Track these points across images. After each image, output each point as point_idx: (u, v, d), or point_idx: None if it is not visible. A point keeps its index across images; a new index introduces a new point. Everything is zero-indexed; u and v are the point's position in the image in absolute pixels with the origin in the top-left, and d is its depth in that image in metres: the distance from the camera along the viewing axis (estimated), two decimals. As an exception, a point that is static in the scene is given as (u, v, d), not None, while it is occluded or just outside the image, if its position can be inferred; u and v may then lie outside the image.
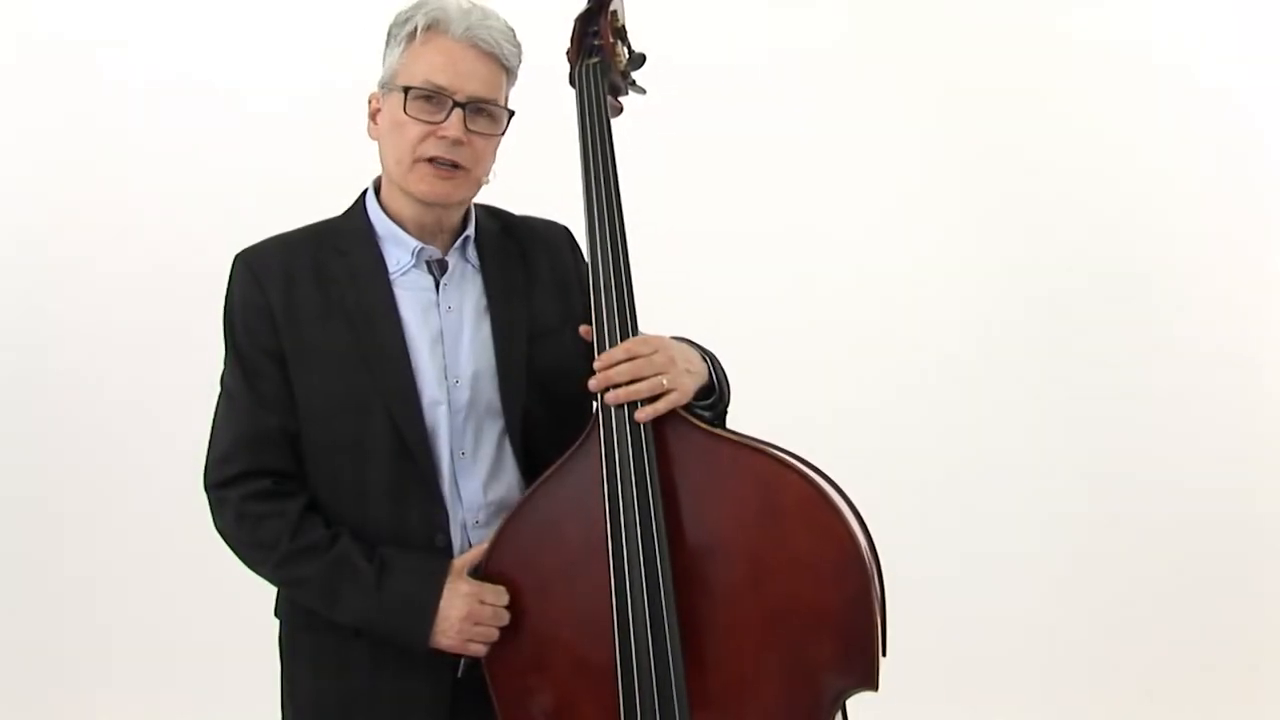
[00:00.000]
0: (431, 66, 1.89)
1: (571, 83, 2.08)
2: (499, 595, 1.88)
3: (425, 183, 1.92)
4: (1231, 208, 3.83)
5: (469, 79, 1.90)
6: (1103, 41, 3.81)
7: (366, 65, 2.07)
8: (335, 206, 2.08)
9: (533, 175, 2.38)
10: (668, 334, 1.95)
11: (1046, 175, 3.84)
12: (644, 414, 1.82)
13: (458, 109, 1.89)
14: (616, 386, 1.83)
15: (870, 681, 1.79)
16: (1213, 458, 3.81)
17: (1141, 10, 3.83)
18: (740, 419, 1.98)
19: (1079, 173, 3.83)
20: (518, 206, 2.16)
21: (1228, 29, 3.82)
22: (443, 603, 1.87)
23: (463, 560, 1.93)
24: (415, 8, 1.93)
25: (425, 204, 1.95)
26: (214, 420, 2.02)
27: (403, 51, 1.93)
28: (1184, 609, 3.83)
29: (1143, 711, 3.76)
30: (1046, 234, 3.85)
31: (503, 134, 1.97)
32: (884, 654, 1.80)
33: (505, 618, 1.87)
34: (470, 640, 1.87)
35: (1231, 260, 3.83)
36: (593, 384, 1.85)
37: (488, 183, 1.98)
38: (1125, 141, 3.84)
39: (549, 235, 2.16)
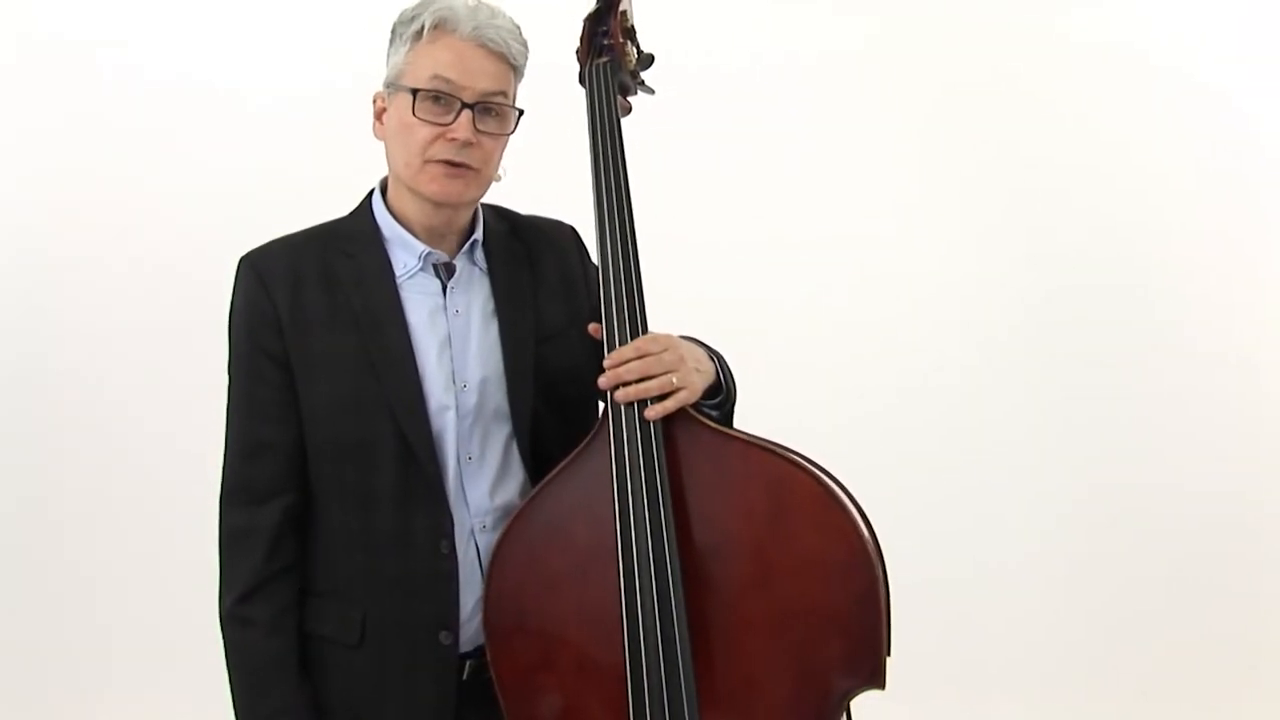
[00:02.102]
0: (439, 66, 1.87)
1: (581, 82, 2.08)
2: None
3: (436, 183, 1.90)
4: (1229, 208, 3.84)
5: (477, 78, 1.88)
6: (1101, 43, 3.83)
7: (367, 64, 2.07)
8: (337, 206, 2.07)
9: (542, 173, 2.39)
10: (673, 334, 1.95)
11: (1047, 177, 3.85)
12: (653, 412, 1.82)
13: (466, 110, 1.87)
14: (626, 384, 1.83)
15: (877, 681, 1.80)
16: (1212, 458, 3.83)
17: (1140, 12, 3.84)
18: (741, 421, 1.98)
19: (1079, 175, 3.85)
20: (527, 205, 2.15)
21: (1226, 29, 3.83)
22: None
23: None
24: (421, 6, 1.91)
25: (435, 204, 1.93)
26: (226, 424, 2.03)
27: (409, 51, 1.90)
28: (1183, 609, 3.84)
29: (1142, 711, 3.77)
30: (1046, 235, 3.86)
31: (512, 133, 1.95)
32: (888, 654, 1.80)
33: None
34: None
35: (1229, 261, 3.84)
36: (602, 381, 1.84)
37: (498, 179, 1.97)
38: (1123, 142, 3.85)
39: (556, 236, 2.15)
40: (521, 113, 1.96)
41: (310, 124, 3.70)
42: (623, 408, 1.83)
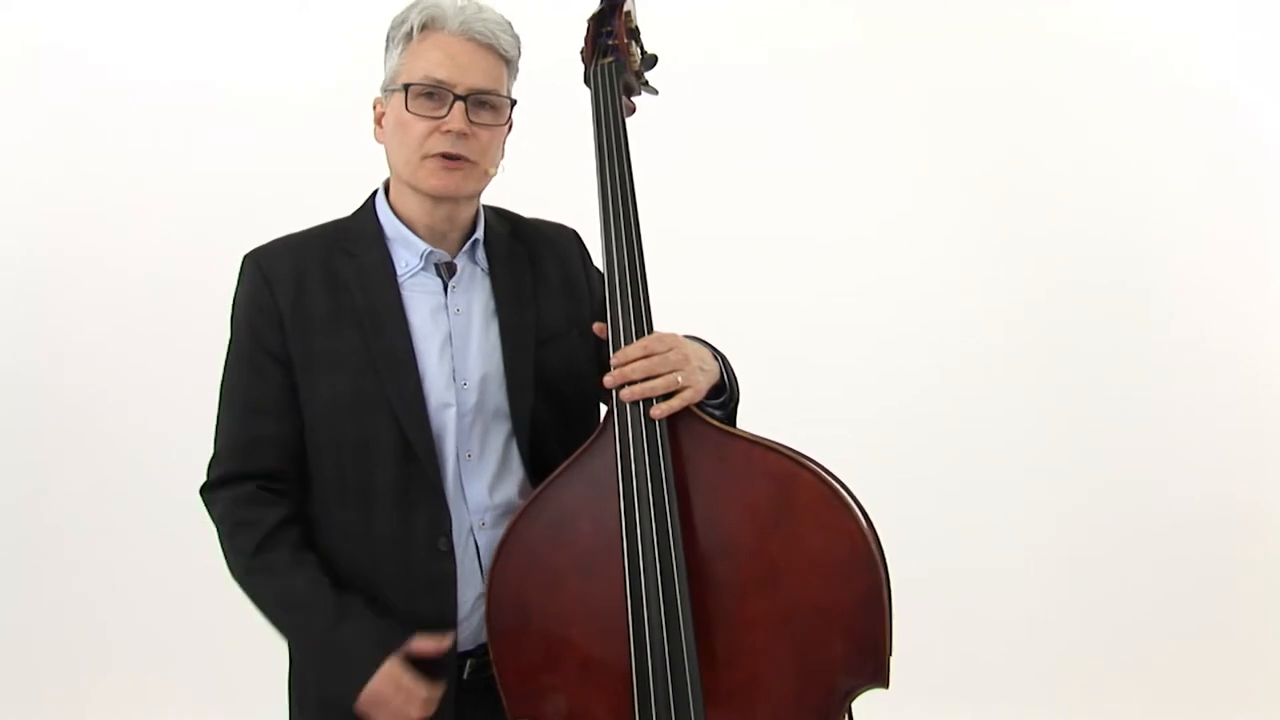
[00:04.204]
0: (430, 63, 1.91)
1: (586, 82, 2.08)
2: (413, 694, 1.89)
3: (435, 177, 1.92)
4: (1230, 207, 3.85)
5: (468, 72, 1.91)
6: (1102, 43, 3.84)
7: (369, 64, 2.08)
8: (340, 206, 2.08)
9: (547, 174, 2.39)
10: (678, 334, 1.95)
11: (1048, 175, 3.87)
12: (660, 410, 1.82)
13: (459, 102, 1.89)
14: (632, 383, 1.83)
15: (880, 679, 1.80)
16: (1213, 458, 3.84)
17: (1140, 10, 3.85)
18: (743, 421, 1.99)
19: (1079, 173, 3.86)
20: (532, 205, 2.17)
21: (1226, 29, 3.84)
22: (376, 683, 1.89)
23: (420, 644, 1.93)
24: (410, 8, 1.95)
25: (436, 199, 1.95)
26: (216, 421, 2.03)
27: (401, 52, 1.94)
28: (1184, 610, 3.86)
29: (1143, 711, 3.78)
30: (1048, 234, 3.88)
31: (508, 124, 1.98)
32: (891, 653, 1.81)
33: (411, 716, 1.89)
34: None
35: (1230, 260, 3.85)
36: (609, 380, 1.85)
37: (494, 174, 1.98)
38: (1124, 140, 3.86)
39: (558, 239, 2.16)
40: (514, 102, 1.98)
41: (313, 125, 3.71)
42: (628, 407, 1.84)
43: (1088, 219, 3.86)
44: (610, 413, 1.87)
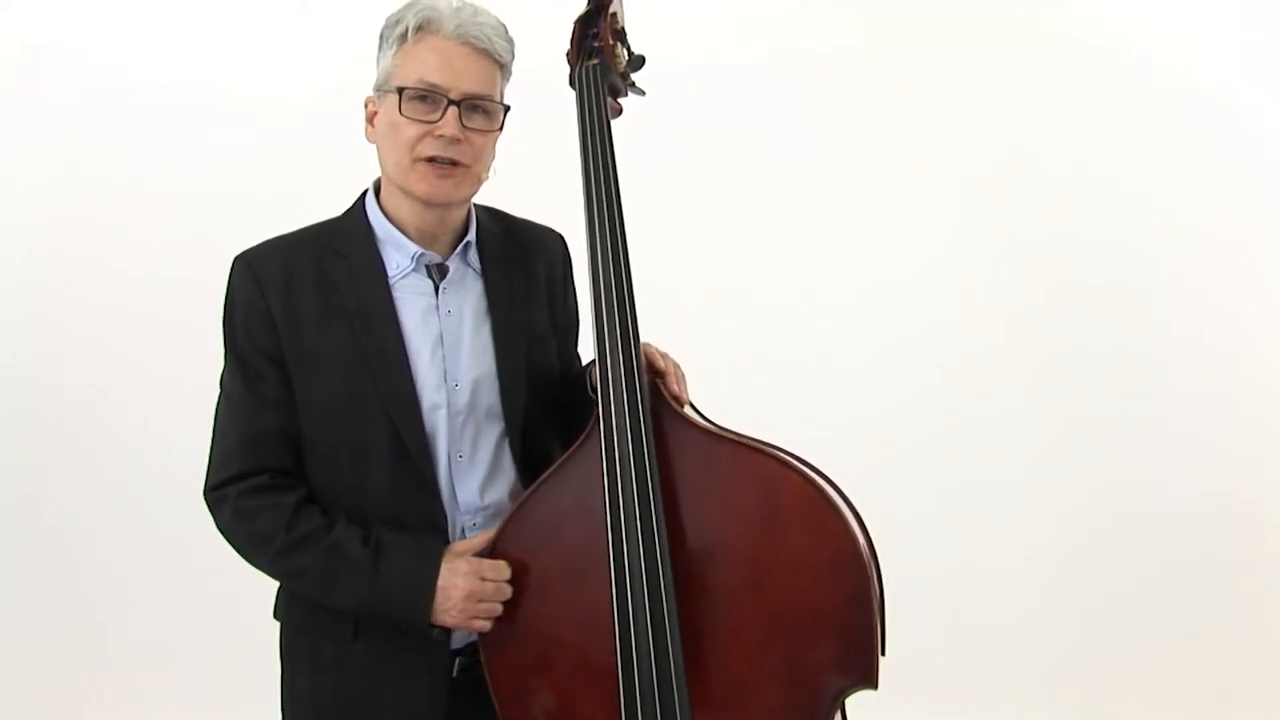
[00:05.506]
0: (425, 66, 1.90)
1: (571, 85, 2.09)
2: (499, 570, 1.88)
3: (425, 183, 1.92)
4: (1230, 207, 3.83)
5: (463, 76, 1.90)
6: (1102, 43, 3.83)
7: (369, 64, 2.08)
8: (339, 206, 2.09)
9: (533, 176, 2.39)
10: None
11: (1049, 176, 3.85)
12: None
13: (453, 107, 1.89)
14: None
15: (870, 681, 1.81)
16: (1212, 458, 3.83)
17: (1141, 12, 3.84)
18: (738, 420, 1.99)
19: (1078, 172, 3.85)
20: (518, 207, 2.17)
21: (1226, 28, 3.83)
22: (442, 580, 1.88)
23: (464, 544, 1.93)
24: (405, 9, 1.94)
25: (426, 204, 1.95)
26: (214, 424, 2.02)
27: (395, 53, 1.93)
28: (1183, 610, 3.84)
29: (1141, 711, 3.77)
30: (1047, 234, 3.86)
31: (500, 129, 1.97)
32: (883, 653, 1.81)
33: (507, 592, 1.88)
34: (474, 617, 1.88)
35: (1230, 259, 3.83)
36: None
37: (486, 179, 1.98)
38: (1123, 140, 3.85)
39: (550, 243, 2.17)
40: (508, 108, 1.97)
41: (313, 125, 3.70)
42: (613, 409, 1.84)
43: (1088, 219, 3.85)
44: (596, 415, 1.87)
